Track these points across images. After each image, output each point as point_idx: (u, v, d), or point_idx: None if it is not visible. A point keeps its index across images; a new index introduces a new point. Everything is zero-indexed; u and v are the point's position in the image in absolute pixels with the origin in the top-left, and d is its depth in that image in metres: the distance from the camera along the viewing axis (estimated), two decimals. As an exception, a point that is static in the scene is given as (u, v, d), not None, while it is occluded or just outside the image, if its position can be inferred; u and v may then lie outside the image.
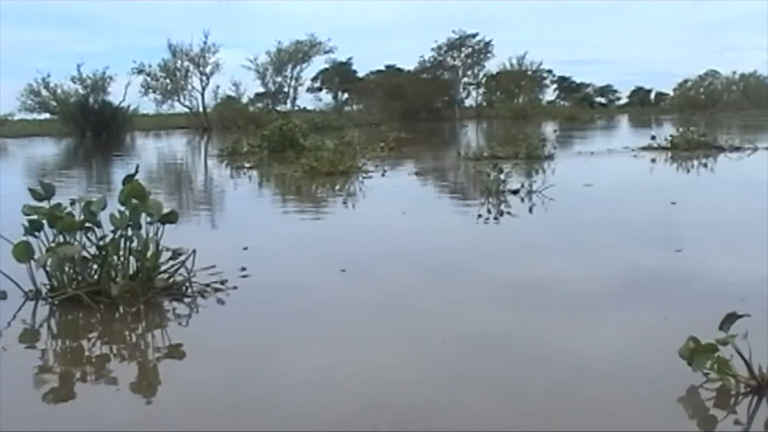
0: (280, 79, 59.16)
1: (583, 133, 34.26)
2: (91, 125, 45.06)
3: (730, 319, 3.62)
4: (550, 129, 34.18)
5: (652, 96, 79.75)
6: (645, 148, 19.80)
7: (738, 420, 3.38)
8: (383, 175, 14.83)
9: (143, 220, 5.50)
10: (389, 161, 17.72)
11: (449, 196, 12.68)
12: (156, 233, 5.52)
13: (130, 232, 5.45)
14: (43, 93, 50.06)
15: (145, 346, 4.77)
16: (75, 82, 48.50)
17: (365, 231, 8.71)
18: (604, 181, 13.01)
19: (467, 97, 66.52)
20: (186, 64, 51.68)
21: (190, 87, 52.26)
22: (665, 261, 6.29)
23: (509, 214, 9.53)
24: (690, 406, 3.51)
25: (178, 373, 4.15)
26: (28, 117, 52.88)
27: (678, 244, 6.92)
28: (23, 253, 5.38)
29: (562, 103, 75.35)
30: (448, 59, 63.78)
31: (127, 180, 5.55)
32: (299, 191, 13.33)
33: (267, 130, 22.87)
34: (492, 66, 64.78)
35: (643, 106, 74.80)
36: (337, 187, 13.29)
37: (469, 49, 63.34)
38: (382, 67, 65.46)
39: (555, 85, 75.58)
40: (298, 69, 59.23)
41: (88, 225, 5.48)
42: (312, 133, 24.99)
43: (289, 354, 4.27)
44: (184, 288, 5.54)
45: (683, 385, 3.58)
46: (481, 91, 66.50)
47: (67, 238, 5.45)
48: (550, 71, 70.91)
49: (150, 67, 51.41)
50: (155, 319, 5.20)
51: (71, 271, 5.42)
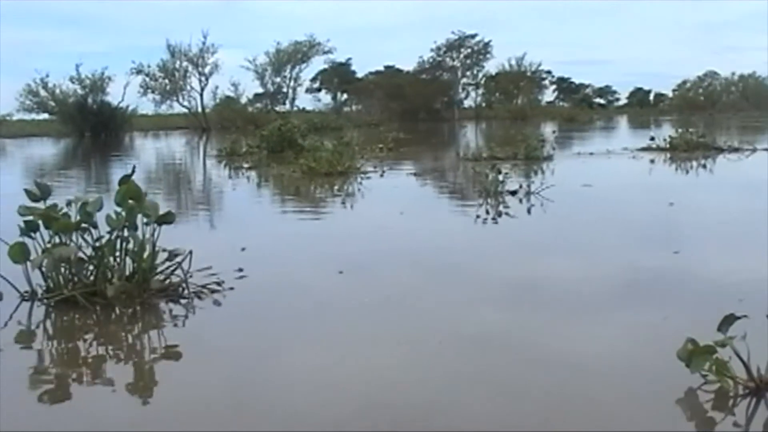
0: (279, 79, 59.13)
1: (581, 134, 34.30)
2: (89, 125, 45.01)
3: (729, 320, 3.60)
4: (549, 130, 34.14)
5: (651, 97, 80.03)
6: (644, 149, 19.79)
7: (736, 422, 3.37)
8: (382, 175, 14.80)
9: (140, 220, 5.48)
10: (388, 162, 17.71)
11: (448, 197, 12.67)
12: (153, 234, 5.50)
13: (126, 233, 5.42)
14: (42, 93, 50.12)
15: (142, 347, 4.74)
16: (74, 83, 48.65)
17: (364, 231, 8.69)
18: (603, 182, 12.99)
19: (466, 97, 66.74)
20: (185, 64, 51.78)
21: (188, 87, 52.41)
22: (665, 261, 6.28)
23: (508, 214, 9.51)
24: (689, 408, 3.49)
25: (175, 374, 4.13)
26: (27, 117, 53.00)
27: (677, 245, 6.91)
28: (19, 254, 5.36)
29: (561, 103, 75.55)
30: (448, 60, 63.87)
31: (123, 181, 5.53)
32: (298, 192, 13.30)
33: (266, 130, 22.87)
34: (491, 67, 65.06)
35: (642, 107, 75.03)
36: (335, 188, 13.27)
37: (469, 50, 63.41)
38: (381, 68, 65.67)
39: (554, 86, 75.83)
40: (297, 69, 59.26)
41: (84, 226, 5.45)
42: (311, 133, 24.98)
43: (288, 354, 4.25)
44: (181, 289, 5.50)
45: (683, 385, 3.56)
46: (480, 91, 66.67)
47: (63, 239, 5.42)
48: (549, 72, 71.18)
49: (149, 67, 51.58)
50: (151, 321, 5.17)
51: (67, 272, 5.39)
